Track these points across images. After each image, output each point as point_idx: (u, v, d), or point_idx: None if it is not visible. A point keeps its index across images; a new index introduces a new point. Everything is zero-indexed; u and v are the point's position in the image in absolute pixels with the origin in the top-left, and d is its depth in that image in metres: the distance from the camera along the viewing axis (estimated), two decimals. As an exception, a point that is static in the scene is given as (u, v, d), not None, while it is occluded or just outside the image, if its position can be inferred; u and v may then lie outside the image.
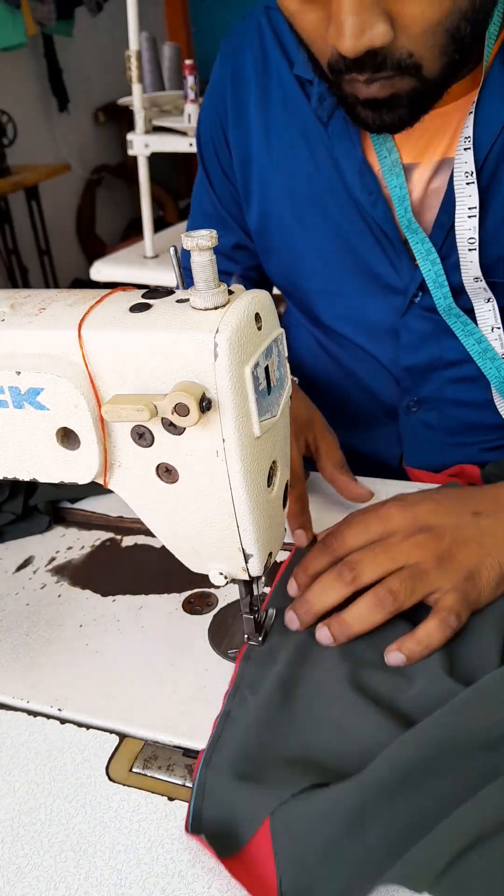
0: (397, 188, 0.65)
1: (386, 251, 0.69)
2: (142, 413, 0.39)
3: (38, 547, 0.67)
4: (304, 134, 0.70)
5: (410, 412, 0.77)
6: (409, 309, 0.71)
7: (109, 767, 0.46)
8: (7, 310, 0.45)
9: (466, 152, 0.61)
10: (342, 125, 0.67)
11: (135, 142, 1.72)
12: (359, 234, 0.70)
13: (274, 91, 0.72)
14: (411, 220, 0.65)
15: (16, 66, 2.97)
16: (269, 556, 0.47)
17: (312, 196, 0.71)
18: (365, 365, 0.78)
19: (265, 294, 0.43)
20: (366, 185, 0.67)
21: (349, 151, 0.67)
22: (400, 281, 0.70)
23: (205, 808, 0.42)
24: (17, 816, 0.43)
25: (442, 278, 0.66)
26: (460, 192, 0.62)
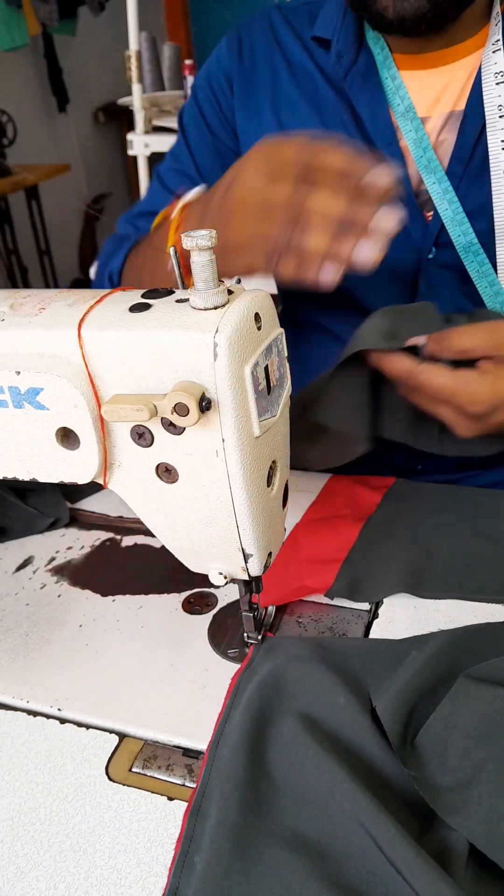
0: (412, 132, 0.67)
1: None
2: (141, 413, 0.39)
3: (38, 547, 0.67)
4: (315, 105, 0.73)
5: None
6: (424, 267, 0.72)
7: (109, 767, 0.46)
8: (7, 310, 0.45)
9: (498, 87, 0.63)
10: (360, 81, 0.70)
11: (135, 142, 1.73)
12: None
13: (284, 70, 0.75)
14: (431, 158, 0.67)
15: (16, 66, 2.96)
16: (268, 555, 0.47)
17: None
18: None
19: (265, 294, 0.43)
20: (386, 135, 0.69)
21: (369, 104, 0.69)
22: (413, 238, 0.71)
23: None
24: (17, 816, 0.43)
25: (461, 216, 0.67)
26: (493, 126, 0.64)
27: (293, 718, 0.44)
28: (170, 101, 1.83)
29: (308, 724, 0.44)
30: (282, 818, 0.40)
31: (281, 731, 0.44)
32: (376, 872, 0.37)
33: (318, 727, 0.44)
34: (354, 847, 0.38)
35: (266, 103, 0.76)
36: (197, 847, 0.39)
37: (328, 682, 0.46)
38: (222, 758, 0.43)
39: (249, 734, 0.44)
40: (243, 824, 0.40)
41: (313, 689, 0.46)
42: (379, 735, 0.43)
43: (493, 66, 0.64)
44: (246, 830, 0.39)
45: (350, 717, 0.44)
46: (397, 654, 0.49)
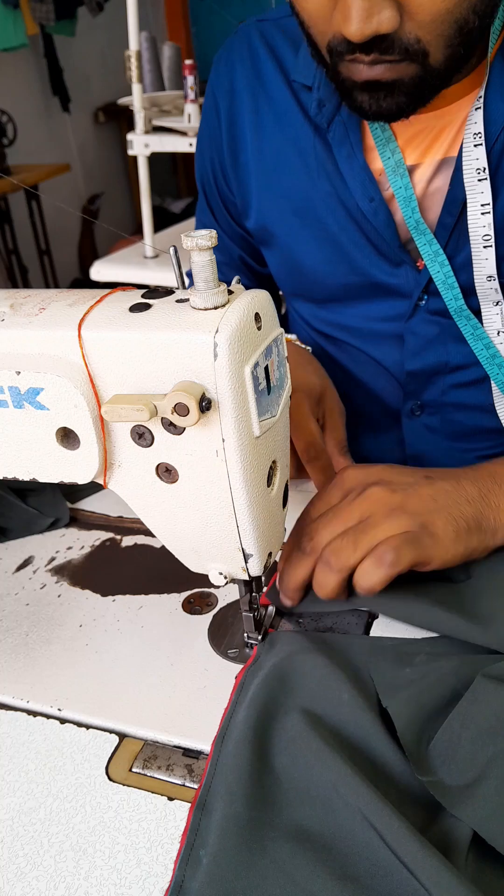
0: (402, 189, 0.64)
1: (386, 258, 0.69)
2: (142, 413, 0.39)
3: (38, 547, 0.67)
4: (297, 147, 0.69)
5: (413, 416, 0.77)
6: (415, 313, 0.71)
7: (109, 767, 0.46)
8: (7, 310, 0.45)
9: (477, 149, 0.60)
10: (342, 131, 0.66)
11: (135, 142, 1.72)
12: (356, 244, 0.69)
13: (266, 106, 0.71)
14: (419, 220, 0.65)
15: (16, 66, 2.97)
16: (268, 555, 0.47)
17: (307, 210, 0.71)
18: (368, 369, 0.78)
19: (265, 294, 0.43)
20: (367, 191, 0.66)
21: (349, 157, 0.66)
22: (404, 286, 0.70)
23: None
24: (17, 816, 0.43)
25: (452, 279, 0.65)
26: (472, 189, 0.62)
27: (297, 714, 0.44)
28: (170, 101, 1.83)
29: (312, 720, 0.44)
30: (286, 812, 0.41)
31: (285, 726, 0.44)
32: (381, 865, 0.37)
33: (322, 723, 0.44)
34: (359, 841, 0.38)
35: (251, 146, 0.73)
36: (202, 841, 0.39)
37: (332, 678, 0.46)
38: (227, 753, 0.43)
39: (254, 729, 0.44)
40: (248, 818, 0.40)
41: (318, 684, 0.47)
42: (383, 731, 0.43)
43: (473, 125, 0.60)
44: (251, 825, 0.40)
45: (354, 712, 0.44)
46: (403, 654, 0.49)
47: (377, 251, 0.69)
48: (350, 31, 0.50)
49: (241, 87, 0.72)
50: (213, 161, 0.78)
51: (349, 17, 0.49)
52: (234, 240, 0.83)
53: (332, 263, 0.71)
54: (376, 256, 0.69)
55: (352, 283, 0.72)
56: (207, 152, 0.79)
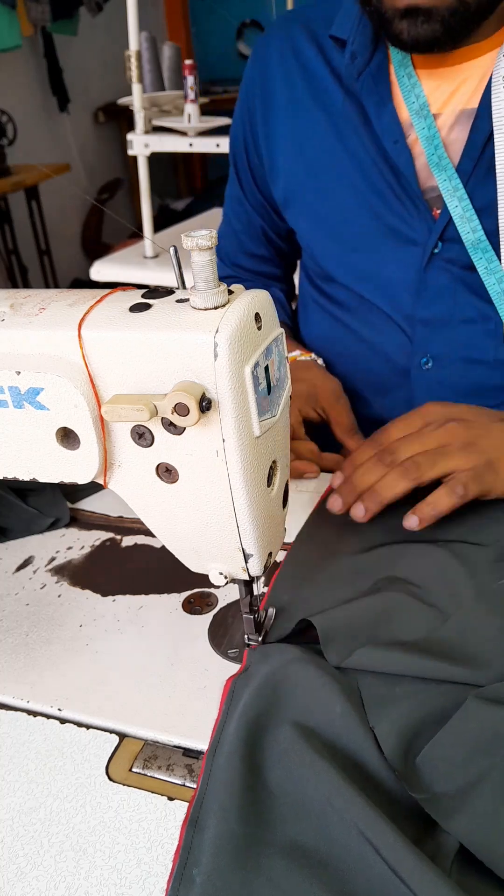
0: (425, 129, 0.69)
1: (404, 203, 0.73)
2: (142, 413, 0.39)
3: (38, 547, 0.67)
4: (326, 108, 0.76)
5: (423, 370, 0.79)
6: (430, 261, 0.74)
7: (109, 767, 0.46)
8: (7, 310, 0.45)
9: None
10: (371, 82, 0.71)
11: (135, 142, 1.72)
12: (377, 192, 0.74)
13: (298, 74, 0.77)
14: (442, 156, 0.68)
15: (16, 66, 2.96)
16: (268, 555, 0.47)
17: (332, 163, 0.76)
18: (379, 326, 0.81)
19: (265, 294, 0.43)
20: (392, 133, 0.71)
21: (378, 105, 0.71)
22: (420, 233, 0.73)
23: None
24: (17, 816, 0.43)
25: (470, 212, 0.68)
26: (500, 129, 0.65)
27: (290, 726, 0.44)
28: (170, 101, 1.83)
29: (305, 733, 0.43)
30: (281, 828, 0.40)
31: (278, 739, 0.44)
32: (378, 880, 0.37)
33: (315, 735, 0.44)
34: (354, 855, 0.38)
35: (281, 111, 0.79)
36: (195, 860, 0.39)
37: (325, 690, 0.46)
38: (219, 767, 0.43)
39: (246, 742, 0.43)
40: (242, 835, 0.39)
41: (310, 696, 0.46)
42: (376, 745, 0.43)
43: (502, 69, 0.64)
44: (245, 841, 0.39)
45: (347, 726, 0.44)
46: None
47: (396, 197, 0.73)
48: None
49: (275, 60, 0.80)
50: (246, 133, 0.85)
51: None
52: (258, 210, 0.90)
53: (350, 209, 0.76)
54: (394, 201, 0.73)
55: (369, 230, 0.76)
56: (241, 126, 0.86)
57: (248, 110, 0.84)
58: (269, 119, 0.81)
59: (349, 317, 0.83)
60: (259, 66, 0.82)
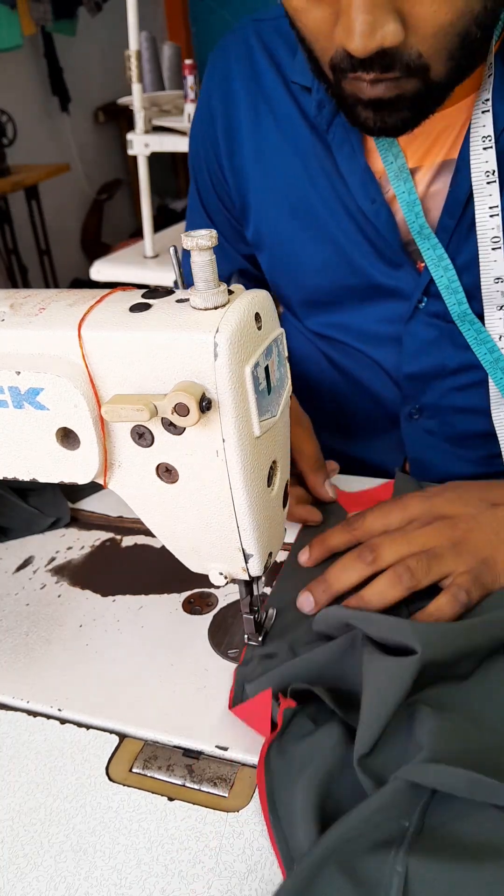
0: (406, 193, 0.64)
1: (386, 260, 0.69)
2: (142, 413, 0.39)
3: (38, 547, 0.67)
4: (296, 148, 0.69)
5: (412, 419, 0.77)
6: (414, 315, 0.70)
7: (109, 767, 0.46)
8: (7, 310, 0.45)
9: (486, 151, 0.60)
10: (342, 132, 0.65)
11: (134, 142, 1.72)
12: (356, 245, 0.69)
13: (264, 107, 0.70)
14: (423, 225, 0.64)
15: (16, 65, 2.96)
16: (269, 556, 0.47)
17: (307, 211, 0.70)
18: (367, 371, 0.77)
19: (265, 294, 0.43)
20: (368, 192, 0.66)
21: (350, 158, 0.66)
22: (404, 287, 0.69)
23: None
24: (17, 816, 0.43)
25: (456, 284, 0.65)
26: (480, 192, 0.61)
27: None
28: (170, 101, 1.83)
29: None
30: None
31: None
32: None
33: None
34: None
35: (248, 147, 0.73)
36: None
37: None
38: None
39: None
40: None
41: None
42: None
43: (481, 127, 0.60)
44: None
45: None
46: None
47: (377, 252, 0.69)
48: (353, 45, 0.49)
49: (238, 87, 0.72)
50: (210, 163, 0.77)
51: (352, 32, 0.48)
52: (233, 243, 0.82)
53: (331, 265, 0.71)
54: (376, 258, 0.69)
55: (351, 285, 0.72)
56: (203, 154, 0.78)
57: (211, 143, 0.76)
58: (235, 153, 0.74)
59: (336, 353, 0.79)
60: (219, 94, 0.73)
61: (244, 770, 0.45)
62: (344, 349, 0.78)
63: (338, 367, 0.80)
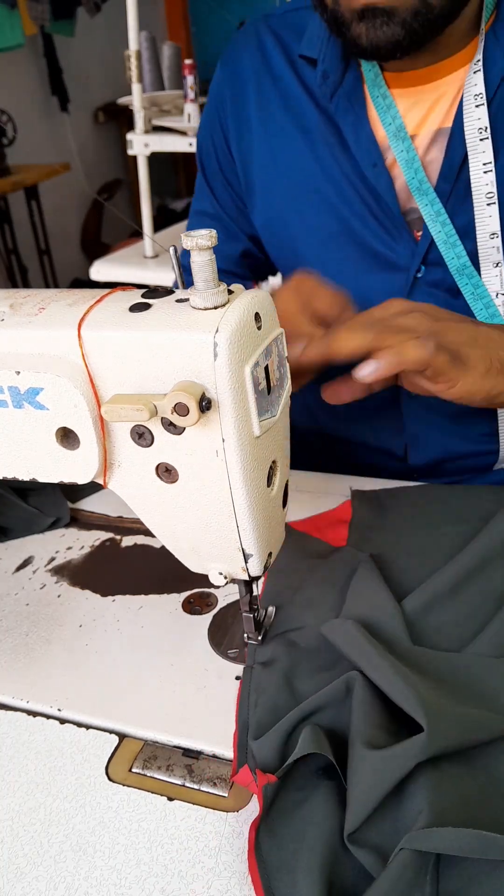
0: (404, 152, 0.66)
1: (385, 227, 0.71)
2: (141, 413, 0.39)
3: (38, 547, 0.67)
4: (302, 127, 0.72)
5: (412, 396, 0.78)
6: (414, 286, 0.72)
7: (109, 767, 0.46)
8: (7, 310, 0.44)
9: (479, 109, 0.62)
10: (345, 102, 0.68)
11: (134, 141, 1.72)
12: (356, 213, 0.71)
13: (272, 90, 0.74)
14: (423, 180, 0.66)
15: (16, 65, 2.96)
16: (268, 555, 0.47)
17: (311, 186, 0.73)
18: None
19: (265, 294, 0.43)
20: (371, 157, 0.68)
21: (355, 125, 0.69)
22: (401, 257, 0.71)
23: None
24: (17, 816, 0.43)
25: (454, 238, 0.67)
26: (474, 149, 0.63)
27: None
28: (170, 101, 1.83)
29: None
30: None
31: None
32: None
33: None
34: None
35: (256, 129, 0.76)
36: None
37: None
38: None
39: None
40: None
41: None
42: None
43: (473, 87, 0.62)
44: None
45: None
46: None
47: (376, 220, 0.71)
48: None
49: (248, 74, 0.75)
50: (219, 145, 0.80)
51: None
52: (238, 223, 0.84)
53: (332, 237, 0.74)
54: (375, 225, 0.71)
55: (351, 255, 0.74)
56: (212, 138, 0.81)
57: (220, 126, 0.79)
58: (244, 136, 0.77)
59: None
60: (229, 79, 0.78)
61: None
62: None
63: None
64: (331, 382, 0.59)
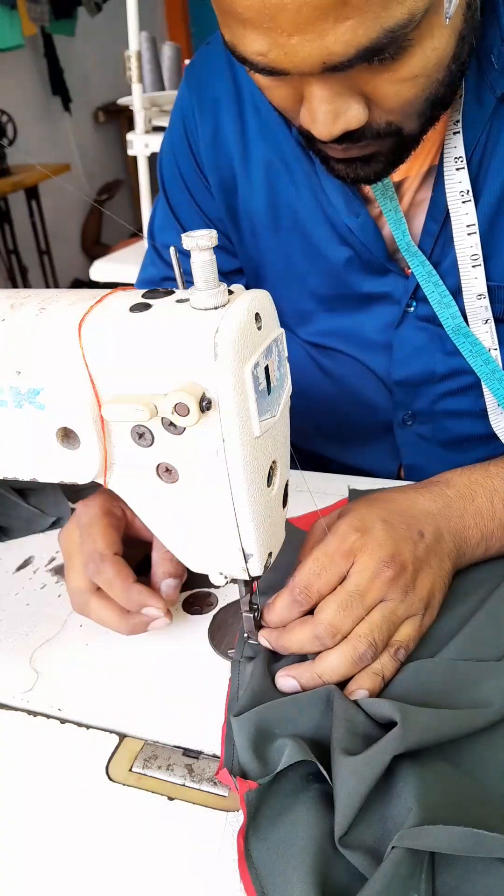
0: (392, 212, 0.64)
1: (374, 270, 0.69)
2: (142, 413, 0.39)
3: (38, 547, 0.67)
4: (283, 159, 0.68)
5: (405, 425, 0.77)
6: (404, 319, 0.70)
7: (109, 767, 0.46)
8: (7, 310, 0.45)
9: (459, 172, 0.60)
10: None
11: (135, 142, 1.73)
12: (343, 258, 0.69)
13: (250, 118, 0.69)
14: (410, 243, 0.64)
15: (16, 65, 2.97)
16: (269, 555, 0.47)
17: (295, 222, 0.70)
18: (359, 378, 0.77)
19: (265, 294, 0.43)
20: (353, 209, 0.66)
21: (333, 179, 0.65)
22: (392, 293, 0.69)
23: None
24: (18, 816, 0.43)
25: (448, 299, 0.65)
26: (456, 212, 0.62)
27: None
28: (170, 101, 1.83)
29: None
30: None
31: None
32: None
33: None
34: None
35: (235, 156, 0.71)
36: None
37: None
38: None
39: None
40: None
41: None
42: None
43: (453, 150, 0.60)
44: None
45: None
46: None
47: (363, 264, 0.69)
48: (318, 132, 0.49)
49: (221, 100, 0.70)
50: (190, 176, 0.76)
51: (316, 120, 0.49)
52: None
53: (319, 275, 0.71)
54: (363, 269, 0.69)
55: (339, 294, 0.72)
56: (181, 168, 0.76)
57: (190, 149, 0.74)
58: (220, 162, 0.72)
59: (328, 361, 0.79)
60: (199, 102, 0.72)
61: (244, 770, 0.45)
62: (336, 357, 0.77)
63: (330, 375, 0.79)
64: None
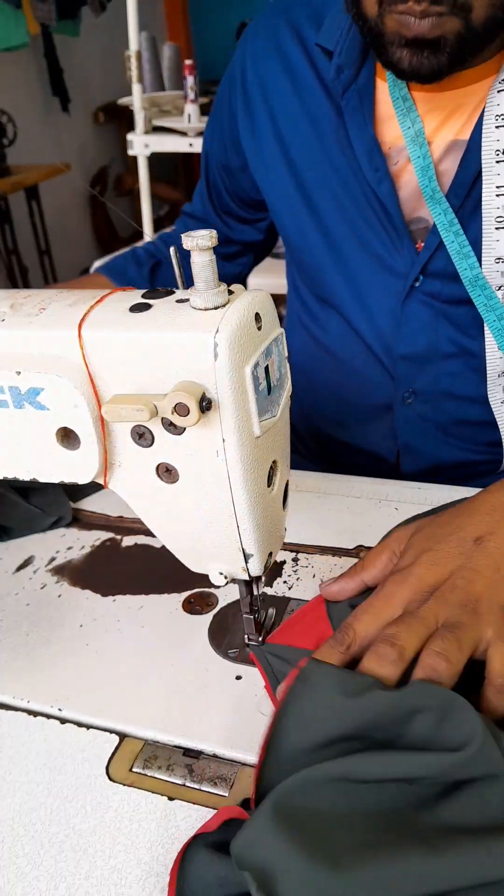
0: (420, 158, 0.65)
1: (388, 232, 0.70)
2: (142, 413, 0.39)
3: (38, 547, 0.67)
4: (313, 120, 0.71)
5: (405, 404, 0.77)
6: (410, 294, 0.71)
7: (109, 767, 0.46)
8: (7, 310, 0.45)
9: (499, 130, 0.61)
10: (356, 99, 0.67)
11: (135, 142, 1.73)
12: (362, 215, 0.71)
13: (285, 77, 0.73)
14: (436, 189, 0.65)
15: (16, 65, 2.96)
16: (269, 555, 0.47)
17: (319, 178, 0.73)
18: (361, 356, 0.79)
19: (265, 294, 0.43)
20: (373, 162, 0.68)
21: (360, 127, 0.68)
22: (401, 264, 0.71)
23: None
24: (17, 816, 0.43)
25: (467, 248, 0.65)
26: (488, 171, 0.62)
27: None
28: (170, 101, 1.83)
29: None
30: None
31: None
32: None
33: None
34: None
35: (264, 114, 0.75)
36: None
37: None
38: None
39: None
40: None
41: None
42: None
43: (495, 106, 0.60)
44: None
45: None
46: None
47: (380, 224, 0.70)
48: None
49: (261, 56, 0.74)
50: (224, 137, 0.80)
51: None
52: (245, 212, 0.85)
53: (338, 231, 0.73)
54: (379, 228, 0.71)
55: (355, 252, 0.73)
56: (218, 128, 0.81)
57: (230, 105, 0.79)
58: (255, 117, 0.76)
59: (334, 345, 0.81)
60: (248, 61, 0.77)
61: (244, 770, 0.45)
62: (340, 334, 0.79)
63: (333, 355, 0.81)
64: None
